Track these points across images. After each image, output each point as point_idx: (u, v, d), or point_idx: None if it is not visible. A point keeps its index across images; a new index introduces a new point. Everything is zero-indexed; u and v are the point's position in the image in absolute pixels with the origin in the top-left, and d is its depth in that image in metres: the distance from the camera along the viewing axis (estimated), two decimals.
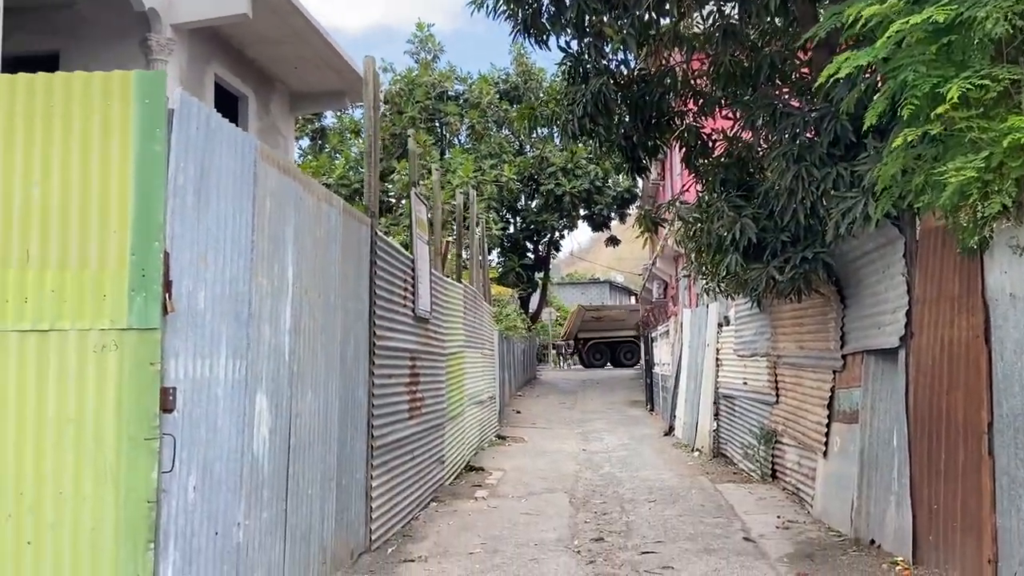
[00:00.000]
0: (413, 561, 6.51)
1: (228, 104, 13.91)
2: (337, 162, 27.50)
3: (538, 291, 36.57)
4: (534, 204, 31.57)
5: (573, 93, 7.87)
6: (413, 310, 8.23)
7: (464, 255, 14.78)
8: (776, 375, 9.65)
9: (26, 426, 3.52)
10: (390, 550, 6.84)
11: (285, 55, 14.74)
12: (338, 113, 30.84)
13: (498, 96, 30.56)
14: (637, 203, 31.29)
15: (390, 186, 25.08)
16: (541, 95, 26.48)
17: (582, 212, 32.13)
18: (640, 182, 28.91)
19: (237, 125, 4.43)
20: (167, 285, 3.62)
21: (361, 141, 28.20)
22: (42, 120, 3.62)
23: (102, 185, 3.62)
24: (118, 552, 3.49)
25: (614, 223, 33.87)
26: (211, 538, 4.03)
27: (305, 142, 31.79)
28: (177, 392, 3.69)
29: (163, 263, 3.61)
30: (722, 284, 8.91)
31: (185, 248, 3.78)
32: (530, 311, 36.27)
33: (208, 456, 4.00)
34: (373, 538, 6.77)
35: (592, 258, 67.24)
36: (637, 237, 10.14)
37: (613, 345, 38.54)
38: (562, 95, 8.25)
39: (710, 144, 8.86)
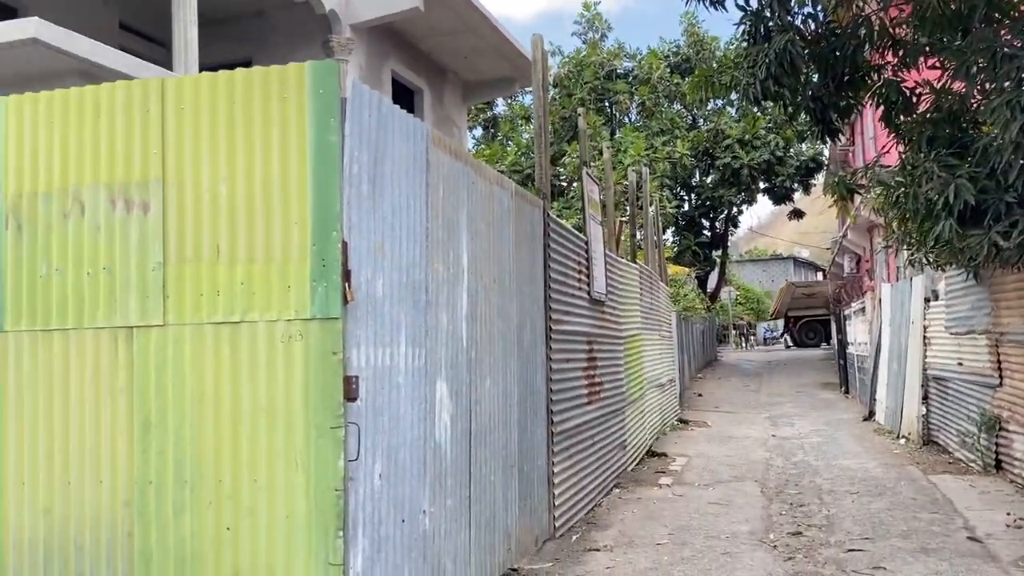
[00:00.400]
0: (598, 550, 6.34)
1: (404, 98, 14.33)
2: (509, 149, 27.80)
3: (716, 270, 35.27)
4: (709, 179, 30.36)
5: (754, 54, 7.28)
6: (588, 293, 8.03)
7: (638, 235, 14.41)
8: (999, 354, 8.57)
9: (222, 416, 3.66)
10: (574, 538, 6.70)
11: (457, 46, 14.99)
12: (508, 100, 31.19)
13: (668, 70, 29.60)
14: (823, 171, 29.36)
15: (561, 170, 24.99)
16: (714, 64, 25.36)
17: (762, 185, 30.50)
18: (827, 149, 27.08)
19: None
20: (346, 275, 3.62)
21: (531, 127, 28.32)
22: (225, 117, 3.73)
23: (282, 178, 3.68)
24: (310, 539, 3.55)
25: (797, 195, 31.96)
26: (398, 525, 4.04)
27: (478, 132, 32.45)
28: (360, 381, 3.70)
29: (341, 253, 3.61)
30: (931, 254, 8.00)
31: (362, 237, 3.78)
32: (708, 291, 35.06)
33: (392, 444, 4.00)
34: (556, 525, 6.66)
35: (773, 233, 64.23)
36: (830, 207, 9.33)
37: (827, 323, 36.31)
38: (741, 58, 7.66)
39: (913, 99, 7.94)
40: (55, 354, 3.90)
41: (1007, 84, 6.09)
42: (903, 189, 7.37)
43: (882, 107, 8.06)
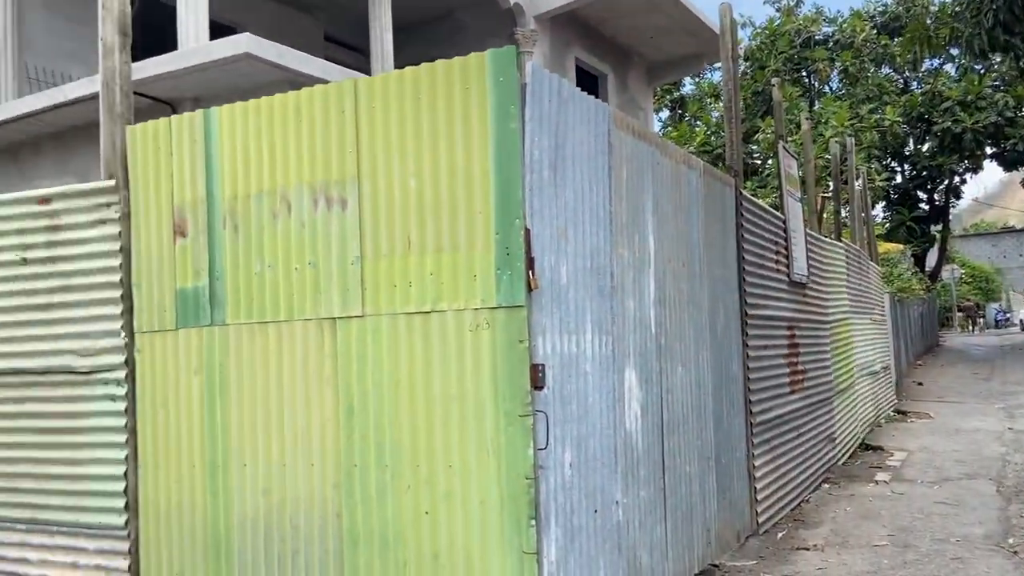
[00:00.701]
0: (808, 549, 5.94)
1: (588, 84, 14.26)
2: (697, 129, 26.92)
3: (936, 246, 32.19)
4: (925, 147, 27.71)
5: (979, 1, 6.50)
6: (788, 274, 7.54)
7: (843, 211, 13.41)
8: None
9: (417, 403, 3.76)
10: (780, 535, 6.33)
11: (641, 26, 14.71)
12: (696, 79, 30.22)
13: (875, 31, 27.31)
14: None
15: (755, 147, 23.83)
16: (928, 21, 22.98)
17: (988, 150, 27.40)
18: None
19: None
20: (530, 262, 3.60)
21: (720, 104, 27.23)
22: (412, 111, 3.82)
23: (466, 168, 3.71)
24: (503, 526, 3.57)
25: None
26: (590, 516, 3.98)
27: (664, 113, 31.72)
28: (546, 369, 3.66)
29: (524, 240, 3.59)
30: None
31: (545, 224, 3.73)
32: (927, 269, 32.07)
33: (581, 433, 3.94)
34: (759, 521, 6.32)
35: (1004, 203, 57.70)
36: None
37: None
38: (963, 8, 6.87)
39: None
40: (270, 345, 4.18)
41: None
42: None
43: None
